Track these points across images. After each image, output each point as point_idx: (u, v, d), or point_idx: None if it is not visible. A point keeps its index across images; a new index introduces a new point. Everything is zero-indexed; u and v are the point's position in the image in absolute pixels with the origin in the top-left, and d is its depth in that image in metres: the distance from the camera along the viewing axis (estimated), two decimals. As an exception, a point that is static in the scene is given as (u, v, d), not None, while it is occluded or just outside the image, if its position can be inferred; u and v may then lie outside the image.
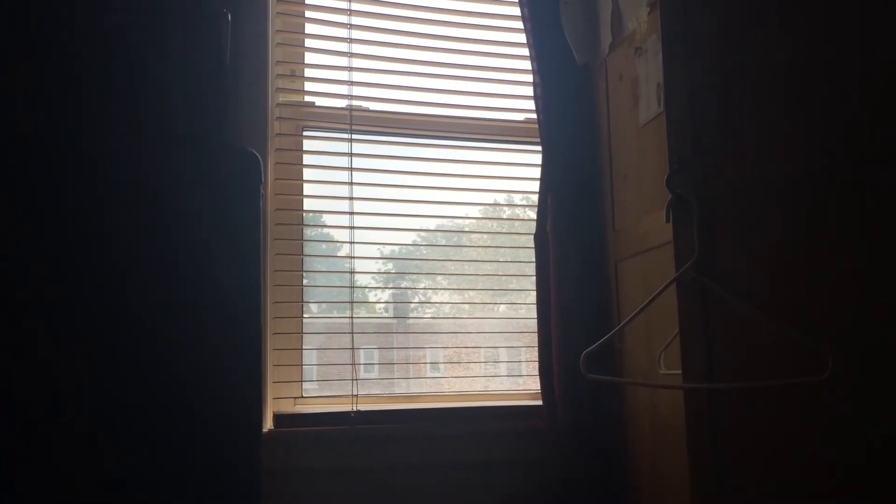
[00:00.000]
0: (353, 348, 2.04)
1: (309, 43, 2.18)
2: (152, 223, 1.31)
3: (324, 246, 2.24)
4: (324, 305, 2.18)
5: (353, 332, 2.05)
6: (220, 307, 1.34)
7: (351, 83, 2.16)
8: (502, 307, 2.30)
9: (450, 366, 2.24)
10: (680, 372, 1.36)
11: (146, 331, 1.30)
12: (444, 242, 2.27)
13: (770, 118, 1.24)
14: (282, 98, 2.13)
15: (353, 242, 2.10)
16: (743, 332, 1.24)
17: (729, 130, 1.30)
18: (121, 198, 1.30)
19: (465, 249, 2.28)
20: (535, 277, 2.07)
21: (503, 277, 2.30)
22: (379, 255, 2.19)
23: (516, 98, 2.30)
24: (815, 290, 1.16)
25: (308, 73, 2.17)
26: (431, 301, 2.26)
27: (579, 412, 1.97)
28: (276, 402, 1.99)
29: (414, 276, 2.27)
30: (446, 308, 2.23)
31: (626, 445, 1.92)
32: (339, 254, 2.17)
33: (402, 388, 2.18)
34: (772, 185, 1.22)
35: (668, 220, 1.35)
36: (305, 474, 1.90)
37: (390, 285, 2.27)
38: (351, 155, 2.13)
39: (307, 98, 2.17)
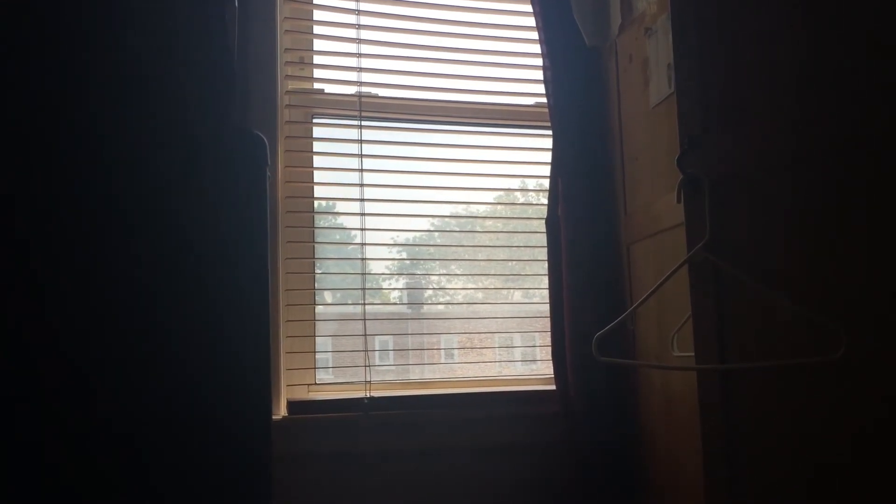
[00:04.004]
0: (365, 335, 2.04)
1: (317, 29, 2.17)
2: (157, 208, 1.31)
3: (337, 235, 2.24)
4: (337, 294, 2.18)
5: (365, 319, 2.05)
6: (227, 290, 1.33)
7: (360, 69, 2.15)
8: (517, 294, 2.29)
9: (463, 352, 2.23)
10: (693, 354, 1.35)
11: (150, 319, 1.29)
12: (456, 229, 2.27)
13: (781, 95, 1.22)
14: (291, 85, 2.12)
15: (364, 229, 2.10)
16: (756, 313, 1.23)
17: (740, 109, 1.28)
18: (123, 182, 1.30)
19: (478, 236, 2.27)
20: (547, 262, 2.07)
21: (516, 263, 2.29)
22: (391, 243, 2.19)
23: (526, 82, 2.29)
24: (828, 268, 1.15)
25: (317, 59, 2.17)
26: (444, 288, 2.26)
27: (592, 396, 1.97)
28: (290, 390, 1.99)
29: (426, 264, 2.26)
30: (459, 295, 2.23)
31: (640, 428, 1.91)
32: (350, 241, 2.17)
33: (415, 374, 2.18)
34: (783, 163, 1.21)
35: (679, 201, 1.33)
36: (319, 461, 1.91)
37: (402, 272, 2.27)
38: (361, 142, 2.13)
39: (316, 85, 2.16)
